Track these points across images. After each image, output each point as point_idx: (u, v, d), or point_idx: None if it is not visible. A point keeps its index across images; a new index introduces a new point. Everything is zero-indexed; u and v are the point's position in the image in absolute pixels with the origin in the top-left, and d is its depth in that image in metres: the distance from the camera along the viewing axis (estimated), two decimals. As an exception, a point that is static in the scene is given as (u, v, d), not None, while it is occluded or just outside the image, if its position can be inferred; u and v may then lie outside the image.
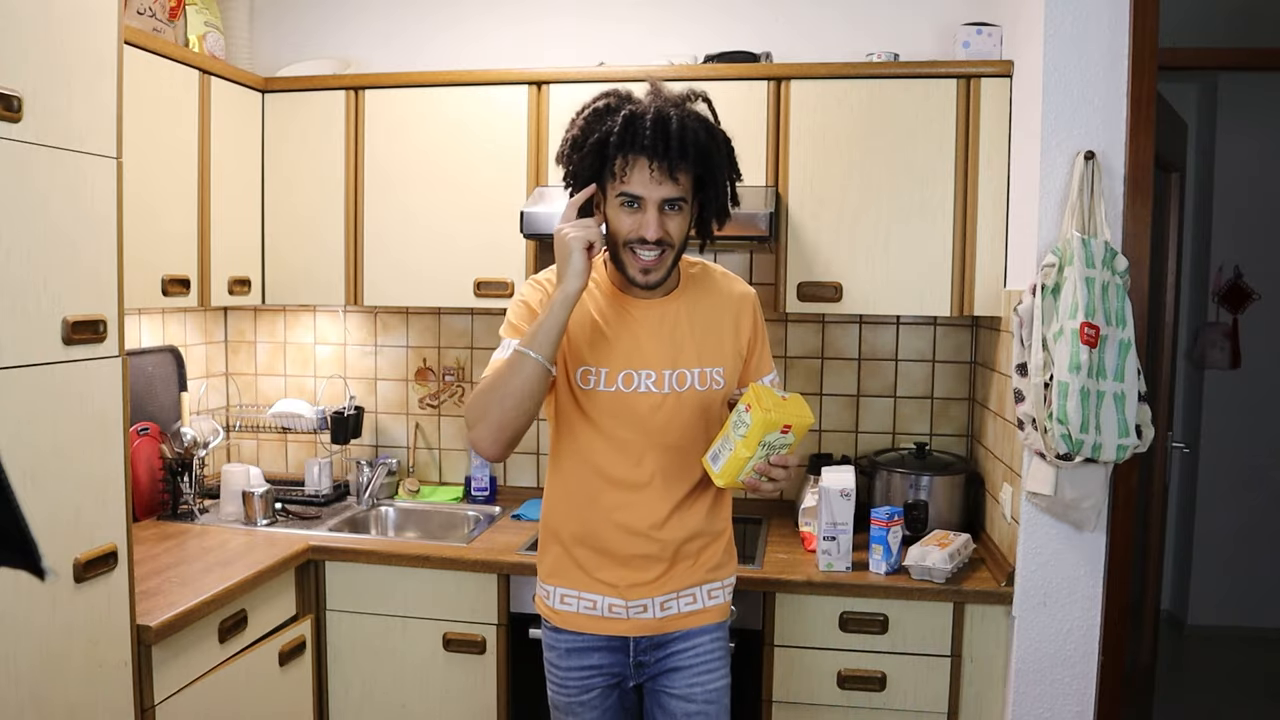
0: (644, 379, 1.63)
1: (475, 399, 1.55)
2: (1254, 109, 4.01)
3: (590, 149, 1.54)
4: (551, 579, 1.73)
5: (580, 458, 1.67)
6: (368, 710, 2.45)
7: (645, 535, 1.66)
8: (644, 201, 1.53)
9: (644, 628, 1.70)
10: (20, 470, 1.62)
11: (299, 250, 2.74)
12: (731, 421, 1.51)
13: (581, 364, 1.64)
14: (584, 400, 1.65)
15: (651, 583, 1.68)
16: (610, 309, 1.66)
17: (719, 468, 1.52)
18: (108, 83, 1.80)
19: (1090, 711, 2.13)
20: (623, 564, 1.67)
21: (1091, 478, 1.99)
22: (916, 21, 2.73)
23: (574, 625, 1.71)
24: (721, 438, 1.53)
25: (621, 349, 1.64)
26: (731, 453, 1.50)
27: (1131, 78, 2.01)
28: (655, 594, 1.68)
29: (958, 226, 2.41)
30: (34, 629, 1.65)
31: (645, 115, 1.50)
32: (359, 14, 3.00)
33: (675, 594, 1.70)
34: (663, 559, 1.68)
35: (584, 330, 1.64)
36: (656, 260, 1.57)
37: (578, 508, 1.68)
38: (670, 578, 1.69)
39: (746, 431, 1.47)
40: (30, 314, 1.64)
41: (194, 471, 2.65)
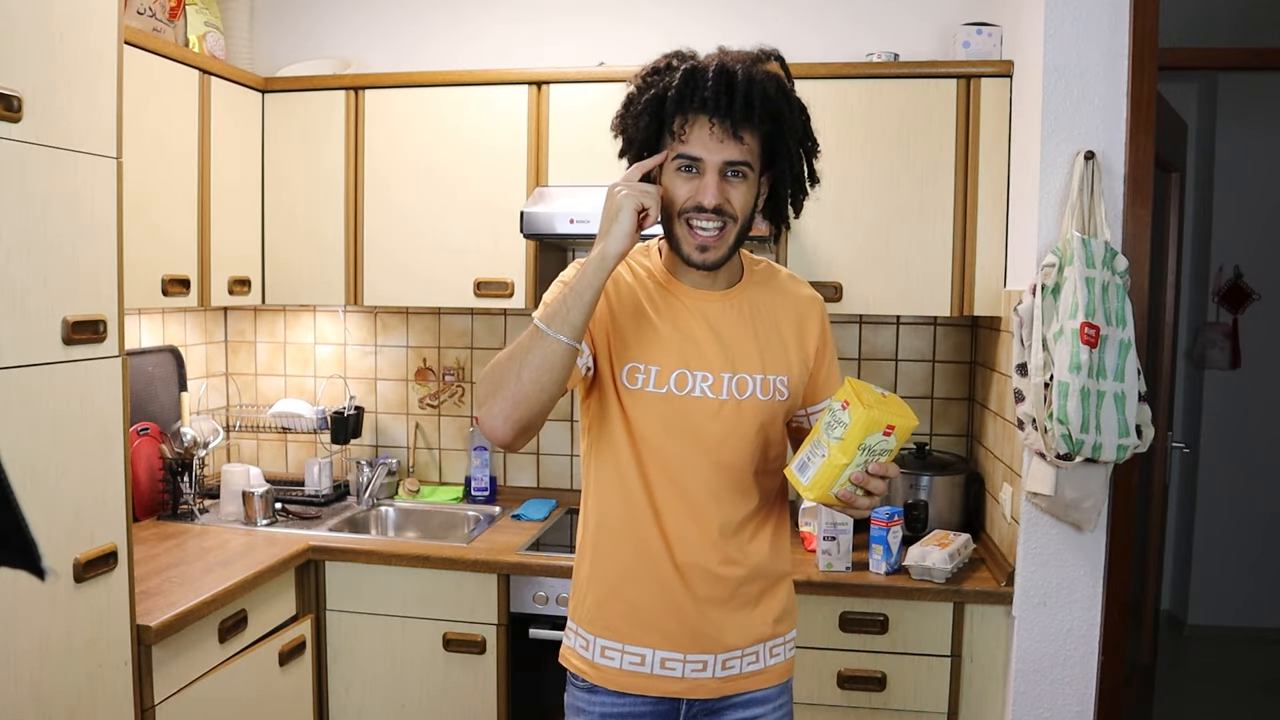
0: (699, 381, 1.40)
1: (489, 373, 1.32)
2: (1254, 109, 4.01)
3: (645, 107, 1.35)
4: (593, 626, 1.45)
5: (621, 476, 1.43)
6: (368, 710, 2.45)
7: (701, 572, 1.41)
8: (703, 165, 1.33)
9: (700, 689, 1.43)
10: (20, 470, 1.62)
11: (299, 250, 2.74)
12: (824, 423, 1.27)
13: (629, 360, 1.40)
14: (629, 403, 1.41)
15: (711, 634, 1.42)
16: (662, 299, 1.44)
17: (809, 478, 1.28)
18: (108, 83, 1.80)
19: (1090, 711, 2.13)
20: (676, 610, 1.41)
21: (1091, 478, 1.99)
22: (916, 21, 2.73)
23: (618, 684, 1.43)
24: (811, 443, 1.29)
25: (674, 344, 1.41)
26: (825, 459, 1.26)
27: (1131, 78, 2.01)
28: (716, 650, 1.43)
29: (958, 226, 2.41)
30: (34, 629, 1.65)
31: (708, 69, 1.32)
32: (359, 14, 3.00)
33: (739, 651, 1.45)
34: (720, 603, 1.43)
35: (631, 320, 1.42)
36: (717, 236, 1.35)
37: (621, 538, 1.43)
38: (730, 628, 1.44)
39: (844, 433, 1.25)
40: (30, 314, 1.64)
41: (194, 471, 2.65)
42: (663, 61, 1.39)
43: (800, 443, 1.35)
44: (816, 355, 1.51)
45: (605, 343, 1.41)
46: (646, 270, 1.46)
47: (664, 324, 1.42)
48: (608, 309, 1.42)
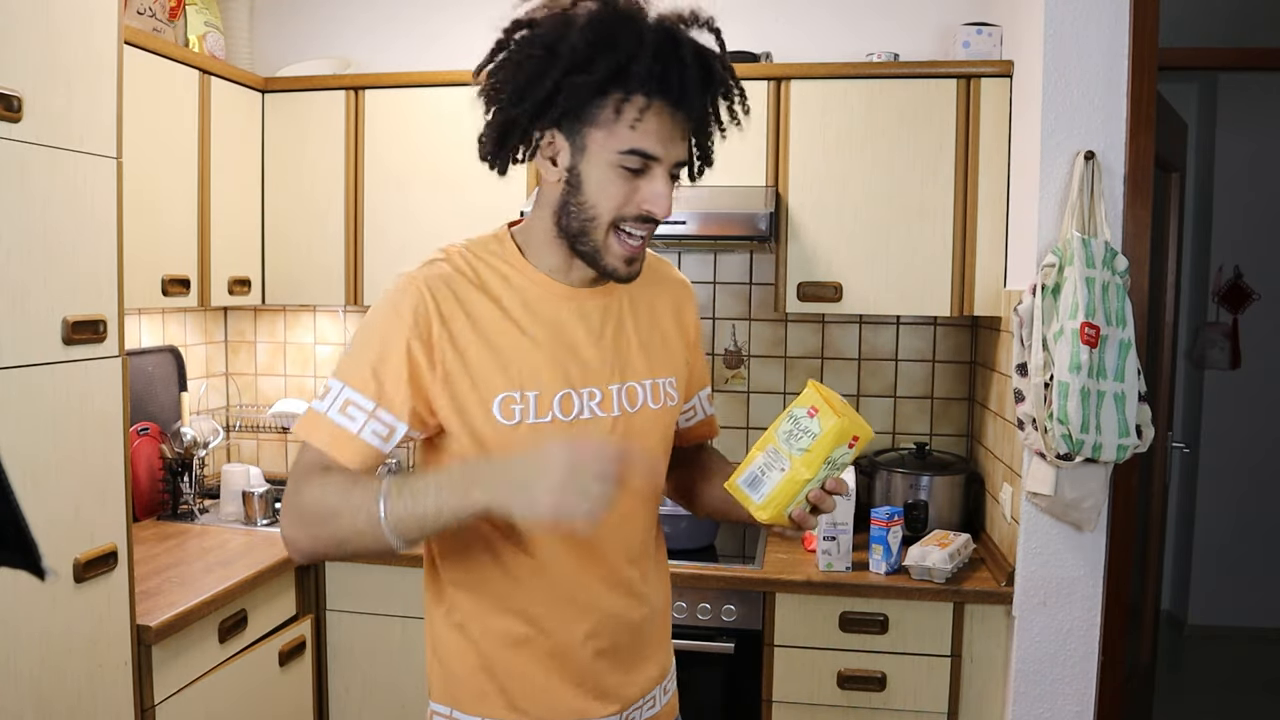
0: (587, 400, 1.17)
1: (311, 512, 1.07)
2: (1254, 109, 4.01)
3: (601, 75, 1.05)
4: (474, 707, 1.19)
5: (491, 533, 1.17)
6: (368, 710, 2.45)
7: (605, 624, 1.20)
8: (655, 165, 1.10)
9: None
10: (20, 470, 1.62)
11: (299, 250, 2.74)
12: (782, 431, 1.12)
13: (499, 391, 1.13)
14: (500, 445, 1.13)
15: (617, 691, 1.22)
16: (530, 305, 1.17)
17: (763, 496, 1.12)
18: (108, 83, 1.80)
19: (1090, 711, 2.13)
20: (577, 675, 1.20)
21: (1091, 478, 1.99)
22: (916, 21, 2.73)
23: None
24: (763, 453, 1.13)
25: (554, 360, 1.16)
26: (785, 474, 1.10)
27: (1131, 78, 2.01)
28: (619, 709, 1.23)
29: (958, 226, 2.41)
30: (34, 629, 1.65)
31: (679, 45, 1.08)
32: (359, 14, 3.00)
33: (640, 701, 1.25)
34: (625, 653, 1.23)
35: (498, 341, 1.14)
36: (643, 246, 1.15)
37: (502, 604, 1.18)
38: (634, 678, 1.24)
39: (812, 444, 1.09)
40: (30, 314, 1.64)
41: (194, 471, 2.65)
42: (604, 9, 1.07)
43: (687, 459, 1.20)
44: (692, 346, 1.33)
45: (453, 392, 1.13)
46: (503, 272, 1.19)
47: (538, 337, 1.16)
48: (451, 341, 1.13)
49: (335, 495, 1.06)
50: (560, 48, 1.06)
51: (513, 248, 1.21)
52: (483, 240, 1.23)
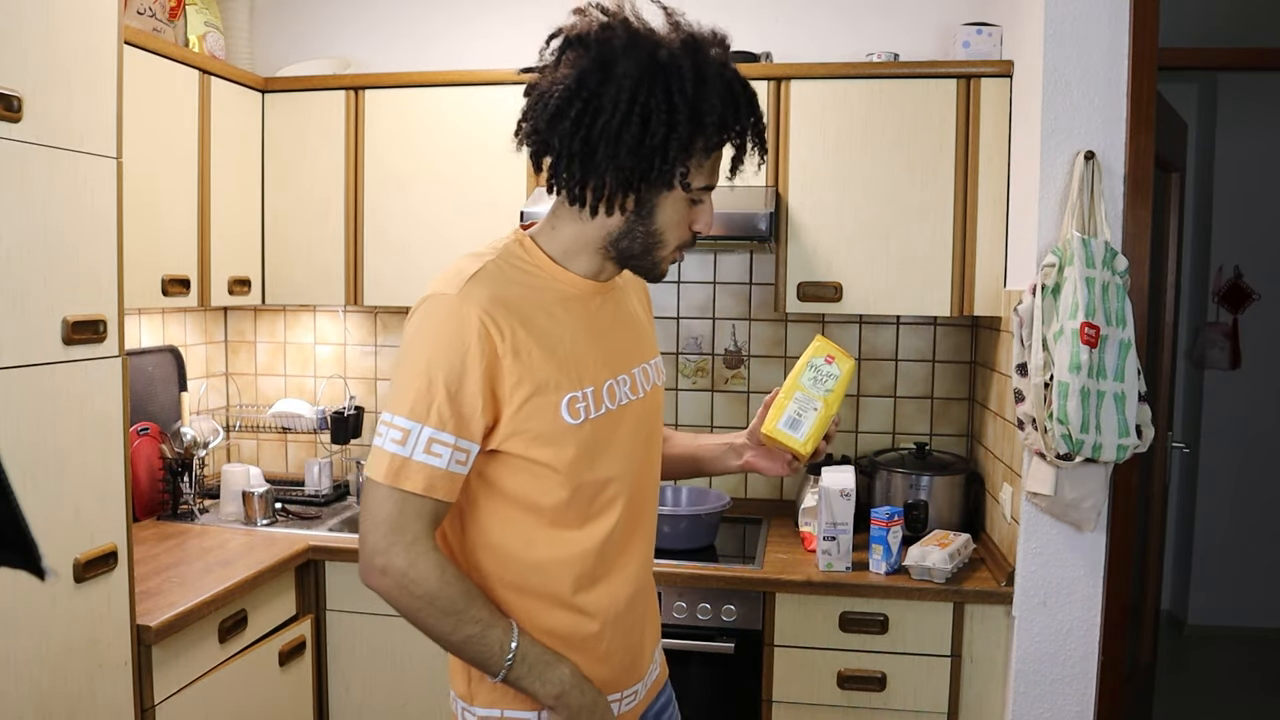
0: (621, 387, 1.25)
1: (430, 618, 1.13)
2: (1254, 109, 4.01)
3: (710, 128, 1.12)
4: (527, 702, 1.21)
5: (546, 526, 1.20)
6: (368, 710, 2.45)
7: (644, 595, 1.31)
8: (707, 191, 1.22)
9: (634, 715, 1.34)
10: (20, 470, 1.62)
11: (299, 250, 2.74)
12: (807, 378, 1.33)
13: (567, 391, 1.18)
14: (569, 441, 1.18)
15: (643, 659, 1.33)
16: (569, 304, 1.22)
17: (804, 433, 1.32)
18: (108, 83, 1.80)
19: (1090, 711, 2.13)
20: (621, 651, 1.27)
21: (1091, 478, 1.99)
22: (916, 21, 2.73)
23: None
24: (794, 400, 1.33)
25: (596, 354, 1.23)
26: (820, 413, 1.32)
27: (1131, 78, 2.01)
28: (643, 676, 1.33)
29: (958, 226, 2.41)
30: (34, 629, 1.65)
31: (753, 98, 1.18)
32: (359, 14, 3.00)
33: (652, 662, 1.37)
34: (651, 619, 1.35)
35: (558, 346, 1.19)
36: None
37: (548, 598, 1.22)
38: (651, 643, 1.36)
39: (835, 385, 1.33)
40: (30, 314, 1.64)
41: (194, 471, 2.65)
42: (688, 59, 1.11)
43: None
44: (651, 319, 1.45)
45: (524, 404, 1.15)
46: (538, 278, 1.22)
47: (579, 335, 1.21)
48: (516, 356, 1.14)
49: (459, 597, 1.13)
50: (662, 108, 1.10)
51: (540, 253, 1.24)
52: (508, 249, 1.24)
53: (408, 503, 1.11)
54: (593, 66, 1.13)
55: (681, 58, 1.12)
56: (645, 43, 1.12)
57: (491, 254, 1.22)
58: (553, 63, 1.21)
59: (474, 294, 1.14)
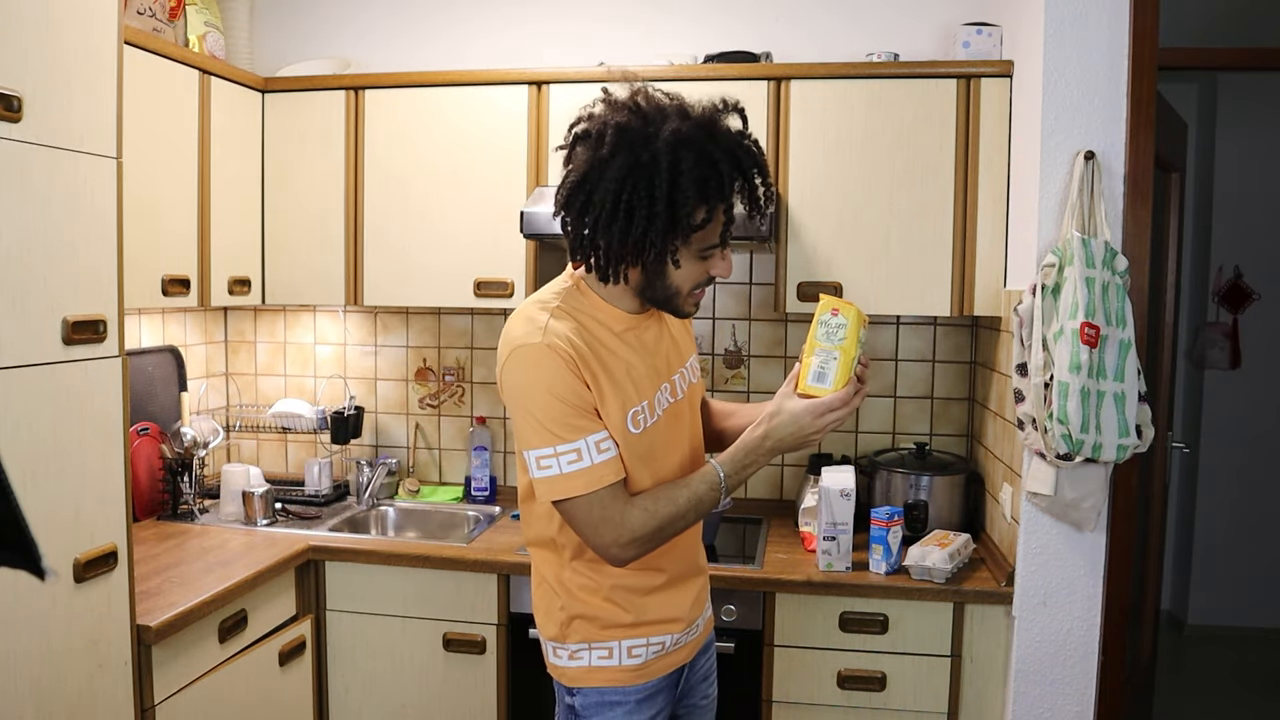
0: (664, 393, 1.52)
1: (665, 527, 1.41)
2: (1254, 109, 4.01)
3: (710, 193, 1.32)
4: (611, 635, 1.51)
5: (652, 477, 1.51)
6: (368, 710, 2.45)
7: (698, 544, 1.64)
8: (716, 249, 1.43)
9: (693, 648, 1.63)
10: (20, 470, 1.62)
11: (299, 250, 2.74)
12: (821, 334, 1.45)
13: (632, 405, 1.45)
14: (632, 448, 1.45)
15: (699, 603, 1.62)
16: (623, 337, 1.47)
17: (831, 381, 1.44)
18: (108, 83, 1.80)
19: (1090, 711, 2.13)
20: (684, 590, 1.58)
21: (1091, 478, 1.99)
22: (916, 21, 2.73)
23: (646, 674, 1.53)
24: (815, 355, 1.45)
25: (647, 371, 1.48)
26: (839, 360, 1.43)
27: (1131, 78, 2.01)
28: (700, 612, 1.63)
29: (958, 226, 2.41)
30: (34, 629, 1.65)
31: (753, 166, 1.36)
32: (359, 14, 3.00)
33: (707, 602, 1.67)
34: (703, 564, 1.66)
35: (618, 369, 1.44)
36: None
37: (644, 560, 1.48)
38: (704, 585, 1.66)
39: (847, 331, 1.44)
40: (30, 314, 1.64)
41: (194, 471, 2.65)
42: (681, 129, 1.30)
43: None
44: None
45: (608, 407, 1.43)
46: (595, 315, 1.45)
47: (633, 358, 1.47)
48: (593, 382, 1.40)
49: (669, 503, 1.41)
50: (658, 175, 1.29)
51: (593, 295, 1.46)
52: (567, 294, 1.46)
53: (609, 493, 1.38)
54: (591, 164, 1.34)
55: (662, 155, 1.29)
56: (636, 140, 1.30)
57: (555, 300, 1.44)
58: (568, 154, 1.41)
59: (552, 337, 1.37)
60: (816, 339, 1.46)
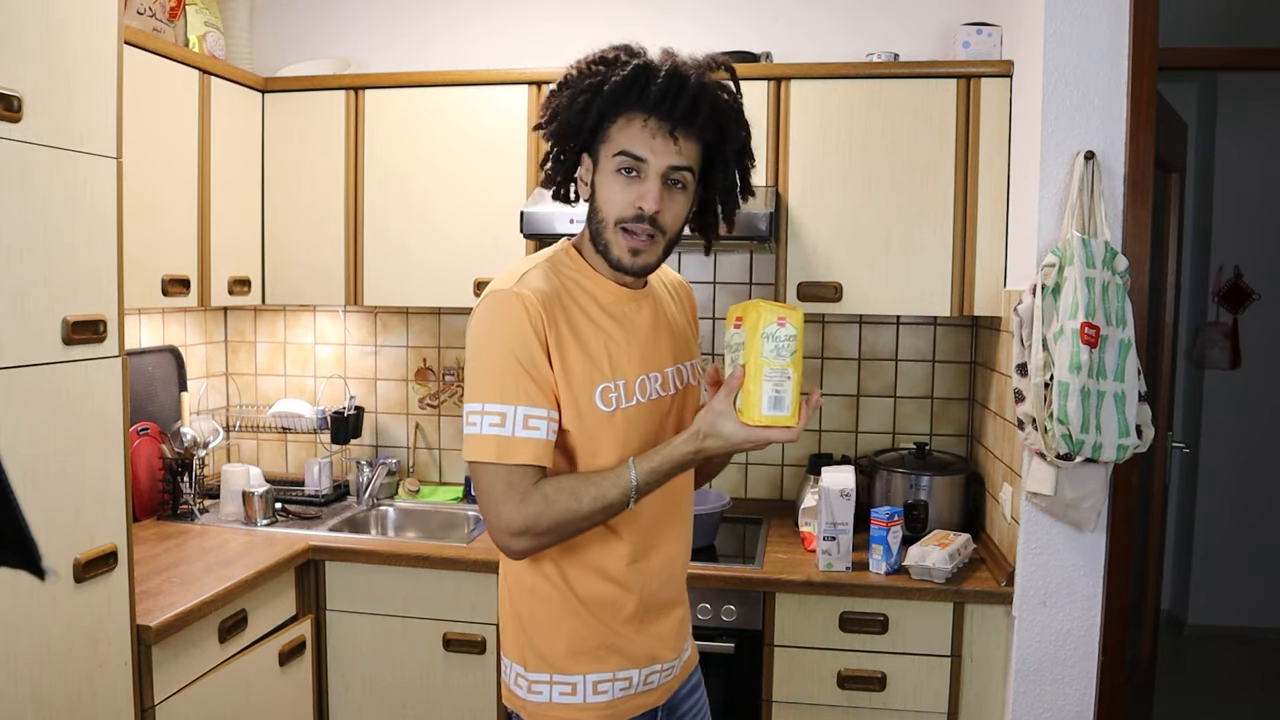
0: (653, 383, 1.38)
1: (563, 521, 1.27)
2: (1254, 109, 4.01)
3: (585, 97, 1.29)
4: (574, 667, 1.36)
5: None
6: (368, 710, 2.45)
7: (678, 578, 1.45)
8: (645, 168, 1.29)
9: (668, 690, 1.46)
10: (20, 470, 1.62)
11: (299, 250, 2.74)
12: (767, 353, 1.23)
13: (600, 381, 1.32)
14: (603, 428, 1.33)
15: (677, 636, 1.46)
16: (605, 306, 1.37)
17: (789, 409, 1.23)
18: (108, 83, 1.80)
19: (1090, 711, 2.13)
20: (658, 625, 1.42)
21: (1091, 478, 1.99)
22: (916, 21, 2.73)
23: (612, 714, 1.38)
24: (766, 380, 1.23)
25: (632, 352, 1.36)
26: (793, 380, 1.23)
27: (1131, 78, 2.01)
28: (680, 650, 1.46)
29: (958, 226, 2.41)
30: (34, 629, 1.65)
31: (660, 68, 1.28)
32: (359, 14, 3.00)
33: (687, 639, 1.50)
34: (683, 601, 1.48)
35: (595, 341, 1.33)
36: (648, 244, 1.31)
37: (620, 557, 1.37)
38: (683, 623, 1.48)
39: (796, 345, 1.24)
40: (30, 314, 1.64)
41: (194, 471, 2.65)
42: (610, 53, 1.33)
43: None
44: (694, 335, 1.56)
45: (565, 387, 1.30)
46: (580, 282, 1.36)
47: (617, 333, 1.35)
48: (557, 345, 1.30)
49: (571, 497, 1.27)
50: (579, 83, 1.31)
51: (582, 261, 1.39)
52: (556, 256, 1.39)
53: (516, 474, 1.27)
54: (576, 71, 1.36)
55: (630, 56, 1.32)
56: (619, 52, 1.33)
57: (543, 259, 1.38)
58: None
59: (527, 289, 1.29)
60: (765, 357, 1.23)
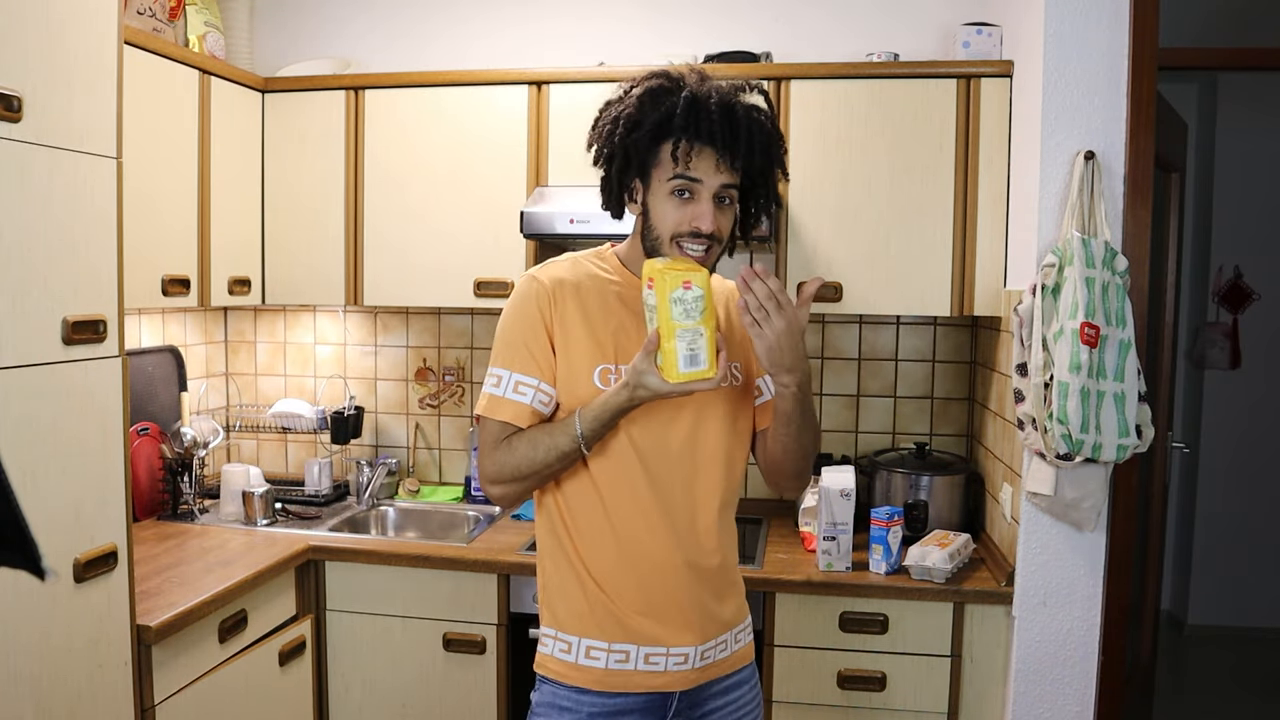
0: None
1: (513, 465, 1.42)
2: (1254, 109, 4.01)
3: (649, 129, 1.39)
4: (573, 628, 1.46)
5: (594, 478, 1.45)
6: (368, 710, 2.45)
7: (684, 566, 1.46)
8: (699, 190, 1.39)
9: (681, 681, 1.47)
10: (20, 470, 1.62)
11: (299, 250, 2.74)
12: (677, 315, 1.32)
13: (600, 362, 1.44)
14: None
15: (692, 627, 1.47)
16: (629, 304, 1.48)
17: (707, 363, 1.32)
18: (108, 83, 1.80)
19: (1090, 711, 2.13)
20: (659, 606, 1.45)
21: (1091, 478, 1.99)
22: (916, 21, 2.73)
23: (604, 684, 1.44)
24: (679, 340, 1.32)
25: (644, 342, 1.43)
26: (706, 336, 1.32)
27: (1131, 78, 2.01)
28: (695, 641, 1.47)
29: (958, 226, 2.41)
30: (34, 629, 1.65)
31: (709, 99, 1.38)
32: (359, 14, 3.00)
33: (713, 641, 1.50)
34: (700, 595, 1.48)
35: (604, 325, 1.45)
36: (704, 256, 1.41)
37: (601, 539, 1.45)
38: (707, 619, 1.49)
39: (705, 304, 1.32)
40: (30, 314, 1.64)
41: (194, 471, 2.65)
42: (656, 83, 1.43)
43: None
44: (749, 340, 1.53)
45: (565, 362, 1.44)
46: (603, 273, 1.50)
47: (630, 324, 1.46)
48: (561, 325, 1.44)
49: (530, 445, 1.42)
50: (621, 116, 1.43)
51: (612, 257, 1.53)
52: (589, 253, 1.55)
53: (496, 428, 1.45)
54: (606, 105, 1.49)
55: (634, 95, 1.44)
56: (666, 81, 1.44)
57: (577, 255, 1.54)
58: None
59: (544, 274, 1.47)
60: (675, 319, 1.31)
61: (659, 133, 1.39)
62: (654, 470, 1.45)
